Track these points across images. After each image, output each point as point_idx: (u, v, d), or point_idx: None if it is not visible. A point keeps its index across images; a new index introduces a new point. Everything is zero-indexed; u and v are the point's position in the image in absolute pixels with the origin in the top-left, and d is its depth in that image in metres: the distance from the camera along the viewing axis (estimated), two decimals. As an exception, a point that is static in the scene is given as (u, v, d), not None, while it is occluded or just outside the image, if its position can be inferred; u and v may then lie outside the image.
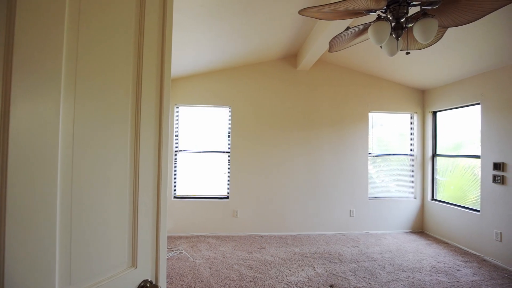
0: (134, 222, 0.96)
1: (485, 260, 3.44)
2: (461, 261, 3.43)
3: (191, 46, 3.30)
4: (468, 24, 2.67)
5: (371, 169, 4.68)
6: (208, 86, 4.31)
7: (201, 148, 4.34)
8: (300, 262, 3.31)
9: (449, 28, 2.77)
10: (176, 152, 4.31)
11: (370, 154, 4.63)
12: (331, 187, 4.47)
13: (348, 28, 2.04)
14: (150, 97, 1.01)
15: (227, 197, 4.33)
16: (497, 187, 3.37)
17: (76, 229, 0.75)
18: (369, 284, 2.81)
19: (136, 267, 0.96)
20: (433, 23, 1.64)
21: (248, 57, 4.07)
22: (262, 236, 4.21)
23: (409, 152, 4.76)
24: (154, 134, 1.03)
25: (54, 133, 0.69)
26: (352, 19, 2.74)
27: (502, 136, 3.32)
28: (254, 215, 4.31)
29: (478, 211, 3.67)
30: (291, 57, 4.44)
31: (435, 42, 2.08)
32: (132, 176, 0.95)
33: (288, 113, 4.42)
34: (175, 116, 4.28)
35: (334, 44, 2.17)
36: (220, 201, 4.29)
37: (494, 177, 3.40)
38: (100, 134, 0.82)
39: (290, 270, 3.08)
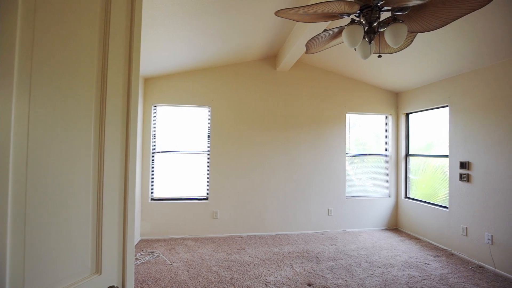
0: (98, 226, 0.91)
1: (453, 254, 3.64)
2: (431, 255, 3.60)
3: (169, 44, 3.23)
4: (436, 31, 2.82)
5: (349, 168, 4.81)
6: (187, 86, 4.24)
7: (180, 149, 4.26)
8: (279, 262, 3.33)
9: (419, 34, 2.91)
10: (153, 153, 4.19)
11: (347, 154, 4.75)
12: (310, 186, 4.54)
13: (325, 30, 2.08)
14: (116, 96, 0.97)
15: (207, 198, 4.28)
16: (463, 185, 3.57)
17: (32, 235, 0.70)
18: (345, 281, 2.88)
19: (101, 274, 0.92)
20: (402, 28, 1.70)
21: (227, 57, 4.04)
22: (242, 237, 4.20)
23: (384, 152, 4.94)
24: (121, 134, 0.99)
25: (5, 132, 0.64)
26: (329, 22, 2.81)
27: (468, 137, 3.53)
28: (234, 216, 4.29)
29: (446, 208, 3.87)
30: (271, 57, 4.47)
31: (406, 47, 2.17)
32: (96, 178, 0.90)
33: (268, 113, 4.44)
34: (152, 115, 4.17)
35: (310, 46, 2.20)
36: (199, 202, 4.23)
37: (461, 175, 3.60)
38: (59, 134, 0.78)
39: (269, 270, 3.09)
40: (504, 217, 3.07)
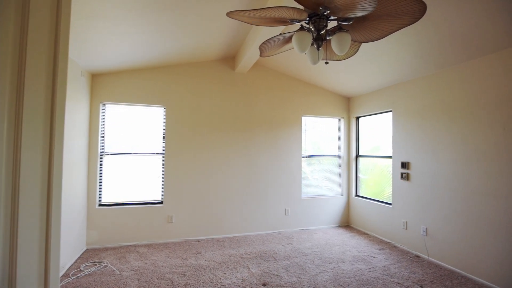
0: (12, 239, 0.81)
1: (395, 246, 3.98)
2: (377, 249, 3.89)
3: (119, 39, 3.02)
4: (379, 43, 3.07)
5: (306, 169, 4.99)
6: (140, 84, 4.01)
7: (132, 151, 4.01)
8: (235, 263, 3.32)
9: (366, 45, 3.14)
10: (102, 154, 3.89)
11: (303, 155, 4.93)
12: (268, 187, 4.61)
13: (280, 34, 2.13)
14: (37, 94, 0.87)
15: (161, 202, 4.09)
16: (404, 183, 3.93)
17: None
18: (299, 279, 2.97)
19: (15, 293, 0.81)
20: (347, 37, 1.81)
21: (183, 56, 3.92)
22: (198, 241, 4.10)
23: (337, 153, 5.23)
24: (44, 136, 0.89)
25: None
26: (284, 27, 2.88)
27: (407, 139, 3.89)
28: (190, 220, 4.17)
29: (390, 204, 4.23)
30: (230, 58, 4.45)
31: (352, 55, 2.31)
32: (10, 185, 0.80)
33: (226, 114, 4.41)
34: (100, 114, 3.86)
35: (264, 49, 2.23)
36: (153, 206, 4.02)
37: (402, 174, 3.96)
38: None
39: (224, 273, 3.06)
40: (435, 211, 3.45)
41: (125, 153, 3.98)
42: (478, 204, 2.98)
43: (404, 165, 3.92)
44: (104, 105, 3.92)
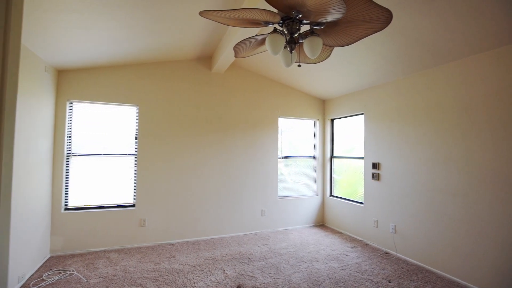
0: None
1: (367, 244, 4.13)
2: (349, 247, 4.02)
3: (87, 34, 2.87)
4: (352, 48, 3.18)
5: (283, 169, 5.04)
6: (111, 82, 3.84)
7: (102, 151, 3.83)
8: (210, 266, 3.27)
9: (339, 50, 3.23)
10: (68, 156, 3.67)
11: (280, 156, 4.98)
12: (244, 188, 4.60)
13: (255, 36, 2.13)
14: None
15: (133, 205, 3.94)
16: (374, 183, 4.10)
17: None
18: (273, 279, 2.98)
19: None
20: (318, 41, 1.85)
21: (157, 54, 3.81)
22: (173, 244, 3.99)
23: (313, 154, 5.34)
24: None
25: None
26: (259, 29, 2.90)
27: (378, 141, 4.06)
28: (164, 223, 4.05)
29: (362, 203, 4.38)
30: (206, 58, 4.39)
31: (325, 59, 2.37)
32: None
33: (202, 115, 4.34)
34: (67, 113, 3.65)
35: (238, 50, 2.23)
36: (124, 210, 3.86)
37: (373, 174, 4.12)
38: None
39: (199, 277, 3.01)
40: (403, 209, 3.62)
41: (94, 154, 3.79)
42: (441, 202, 3.17)
43: (375, 165, 4.09)
44: (71, 103, 3.71)
